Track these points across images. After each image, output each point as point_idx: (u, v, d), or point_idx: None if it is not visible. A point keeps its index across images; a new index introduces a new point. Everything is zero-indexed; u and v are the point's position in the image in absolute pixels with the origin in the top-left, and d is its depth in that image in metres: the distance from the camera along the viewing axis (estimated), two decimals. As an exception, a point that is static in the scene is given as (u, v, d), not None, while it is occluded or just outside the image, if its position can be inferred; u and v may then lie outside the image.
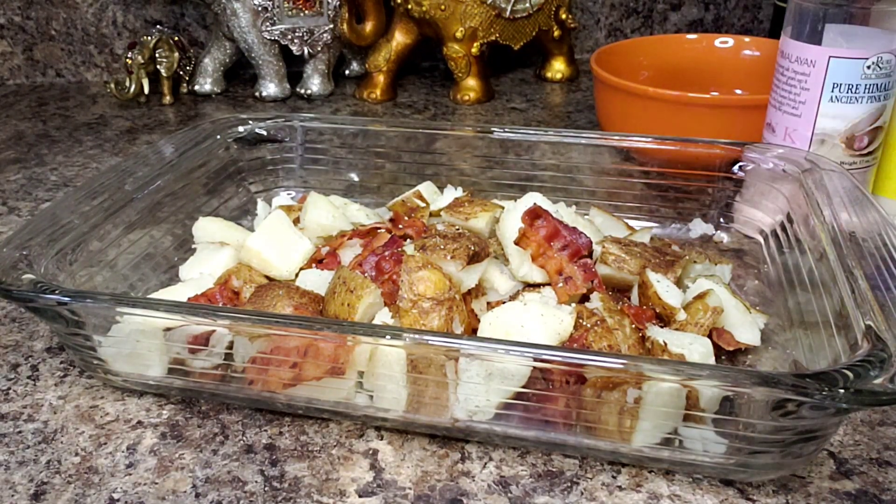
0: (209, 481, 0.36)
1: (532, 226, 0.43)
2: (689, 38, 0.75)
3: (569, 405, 0.35)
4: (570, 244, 0.43)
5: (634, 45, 0.75)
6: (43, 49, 0.94)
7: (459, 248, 0.41)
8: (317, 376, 0.37)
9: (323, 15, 0.86)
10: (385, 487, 0.35)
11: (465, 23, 0.83)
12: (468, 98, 0.86)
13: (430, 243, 0.42)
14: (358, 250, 0.46)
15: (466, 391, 0.36)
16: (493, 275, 0.43)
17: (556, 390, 0.35)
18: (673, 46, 0.75)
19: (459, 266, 0.41)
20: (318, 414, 0.40)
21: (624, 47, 0.74)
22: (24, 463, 0.37)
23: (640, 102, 0.62)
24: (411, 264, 0.40)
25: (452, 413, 0.37)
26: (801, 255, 0.43)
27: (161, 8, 0.94)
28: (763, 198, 0.50)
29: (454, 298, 0.40)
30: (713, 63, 0.73)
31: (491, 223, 0.48)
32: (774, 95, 0.54)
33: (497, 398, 0.36)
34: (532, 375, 0.35)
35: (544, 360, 0.34)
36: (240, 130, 0.58)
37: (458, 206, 0.50)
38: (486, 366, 0.35)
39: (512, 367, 0.35)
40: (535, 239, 0.43)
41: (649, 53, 0.74)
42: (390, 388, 0.37)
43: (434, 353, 0.35)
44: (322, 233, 0.50)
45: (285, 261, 0.47)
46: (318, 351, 0.36)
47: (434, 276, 0.39)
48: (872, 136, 0.51)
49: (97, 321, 0.39)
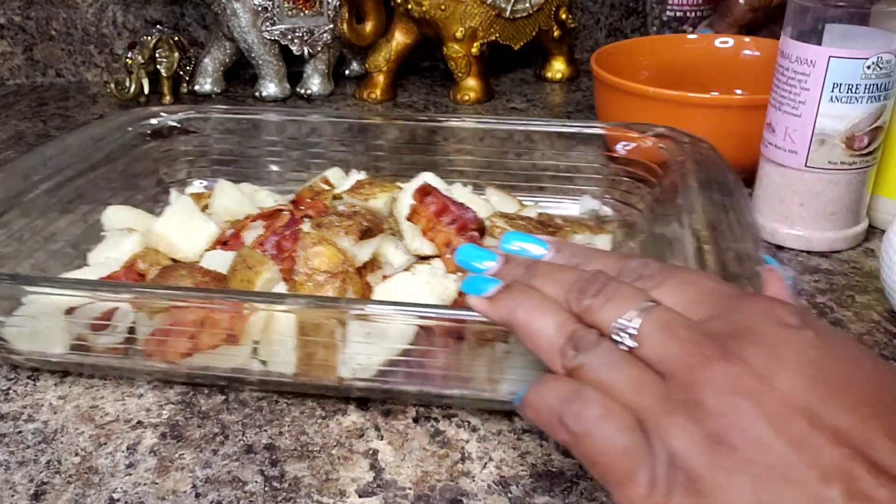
0: (209, 481, 0.36)
1: (422, 202, 0.47)
2: (689, 38, 0.75)
3: (446, 360, 0.39)
4: (457, 219, 0.47)
5: (634, 45, 0.75)
6: (43, 49, 0.94)
7: (352, 224, 0.45)
8: (213, 344, 0.39)
9: (323, 15, 0.86)
10: (385, 487, 0.35)
11: (465, 23, 0.83)
12: (468, 98, 0.86)
13: (325, 221, 0.45)
14: (261, 231, 0.49)
15: (351, 351, 0.38)
16: (387, 250, 0.47)
17: (432, 347, 0.38)
18: (673, 46, 0.75)
19: (352, 241, 0.44)
20: (215, 381, 0.42)
21: (624, 47, 0.74)
22: (24, 463, 0.37)
23: (640, 102, 0.62)
24: (307, 240, 0.43)
25: (339, 373, 0.39)
26: (668, 227, 0.45)
27: (161, 8, 0.94)
28: (645, 173, 0.53)
29: (347, 271, 0.43)
30: (713, 63, 0.73)
31: (389, 203, 0.51)
32: (774, 95, 0.54)
33: (379, 357, 0.38)
34: (411, 335, 0.38)
35: (420, 317, 0.37)
36: (153, 123, 0.59)
37: (359, 187, 0.53)
38: (368, 326, 0.38)
39: (388, 327, 0.38)
40: (425, 214, 0.47)
41: (649, 53, 0.74)
42: (282, 353, 0.39)
43: (321, 317, 0.38)
44: (230, 217, 0.52)
45: (191, 243, 0.49)
46: (214, 321, 0.39)
47: (328, 251, 0.43)
48: (872, 136, 0.52)
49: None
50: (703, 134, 0.56)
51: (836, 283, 0.51)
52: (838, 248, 0.55)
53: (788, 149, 0.53)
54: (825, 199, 0.53)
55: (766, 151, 0.55)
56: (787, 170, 0.54)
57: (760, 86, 0.64)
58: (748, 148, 0.59)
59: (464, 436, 0.39)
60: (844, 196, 0.53)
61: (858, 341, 0.45)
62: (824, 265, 0.53)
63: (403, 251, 0.47)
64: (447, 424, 0.39)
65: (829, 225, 0.54)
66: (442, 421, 0.40)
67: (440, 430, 0.39)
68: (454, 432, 0.39)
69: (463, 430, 0.39)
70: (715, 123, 0.60)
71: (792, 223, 0.55)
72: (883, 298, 0.49)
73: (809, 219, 0.54)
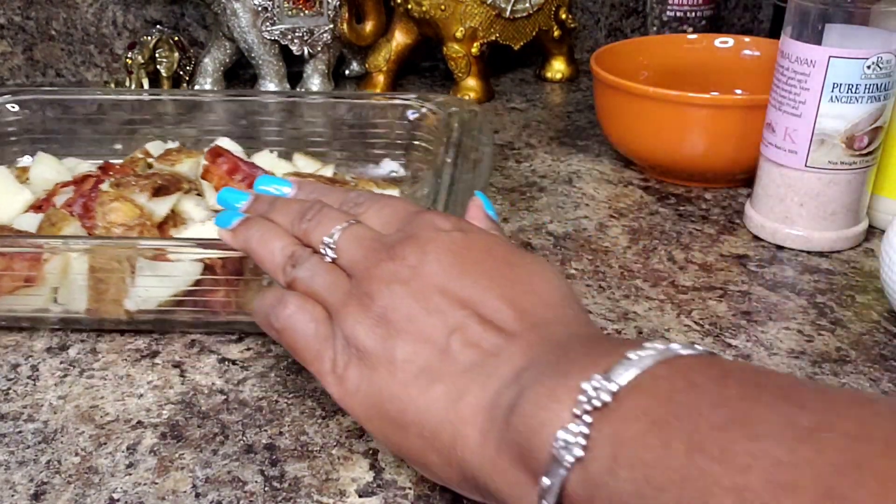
0: (209, 481, 0.36)
1: (214, 163, 0.55)
2: (689, 38, 0.75)
3: (225, 294, 0.45)
4: (248, 176, 0.54)
5: (634, 46, 0.75)
6: (43, 49, 0.94)
7: (148, 183, 0.51)
8: (15, 287, 0.45)
9: (323, 15, 0.86)
10: (385, 487, 0.35)
11: (465, 23, 0.83)
12: (468, 98, 0.86)
13: (123, 181, 0.51)
14: (71, 196, 0.53)
15: (138, 284, 0.44)
16: (188, 206, 0.52)
17: (209, 281, 0.44)
18: (673, 46, 0.75)
19: (146, 197, 0.50)
20: (18, 324, 0.46)
21: (624, 47, 0.74)
22: (24, 463, 0.37)
23: (640, 102, 0.62)
24: (104, 198, 0.49)
25: (125, 307, 0.45)
26: (436, 180, 0.51)
27: (161, 8, 0.94)
28: (428, 136, 0.61)
29: (145, 224, 0.48)
30: (713, 63, 0.73)
31: (195, 168, 0.57)
32: (774, 95, 0.54)
33: (160, 290, 0.44)
34: (187, 269, 0.44)
35: (166, 248, 0.43)
36: None
37: (168, 155, 0.58)
38: (147, 264, 0.43)
39: (169, 265, 0.44)
40: (217, 173, 0.54)
41: (649, 53, 0.74)
42: (74, 291, 0.45)
43: (109, 256, 0.44)
44: (47, 186, 0.55)
45: (6, 208, 0.53)
46: (11, 265, 0.44)
47: (124, 207, 0.48)
48: (872, 136, 0.52)
49: None
50: (703, 134, 0.56)
51: (836, 283, 0.51)
52: (839, 248, 0.55)
53: (788, 149, 0.53)
54: (825, 199, 0.53)
55: (766, 151, 0.55)
56: (786, 170, 0.54)
57: (760, 86, 0.64)
58: (748, 148, 0.59)
59: (464, 436, 0.39)
60: (844, 196, 0.53)
61: (857, 341, 0.45)
62: (824, 265, 0.53)
63: (204, 207, 0.53)
64: (447, 424, 0.39)
65: (829, 225, 0.54)
66: (442, 421, 0.40)
67: (440, 430, 0.39)
68: (454, 432, 0.39)
69: (463, 430, 0.39)
70: (715, 124, 0.60)
71: (792, 223, 0.55)
72: (883, 298, 0.49)
73: (809, 218, 0.54)
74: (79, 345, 0.46)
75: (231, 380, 0.43)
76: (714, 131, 0.60)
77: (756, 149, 0.57)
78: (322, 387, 0.34)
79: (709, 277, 0.52)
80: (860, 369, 0.43)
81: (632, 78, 0.65)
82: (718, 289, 0.51)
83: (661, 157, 0.64)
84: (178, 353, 0.45)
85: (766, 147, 0.55)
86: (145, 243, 0.45)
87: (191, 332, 0.47)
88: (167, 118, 0.66)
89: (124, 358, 0.45)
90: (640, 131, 0.64)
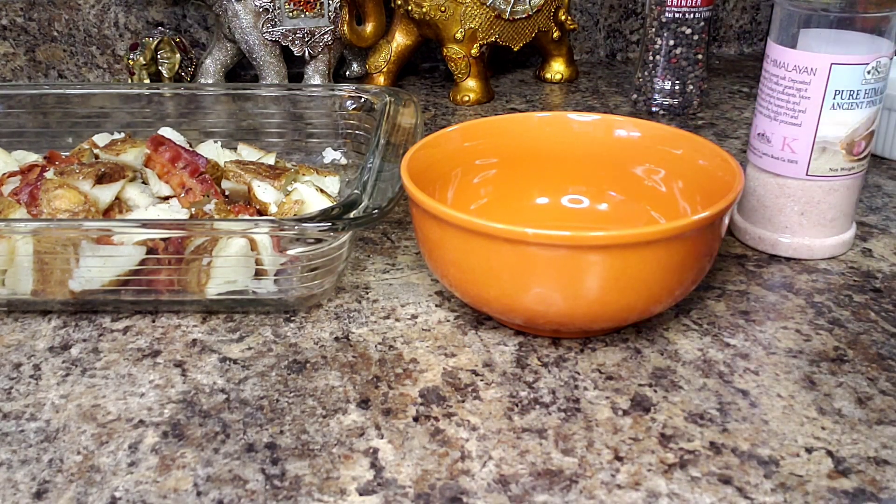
0: (210, 480, 0.36)
1: (156, 151, 0.57)
2: (539, 117, 0.55)
3: (169, 273, 0.47)
4: (189, 163, 0.55)
5: (470, 130, 0.54)
6: (45, 50, 0.95)
7: (91, 171, 0.52)
8: None
9: (324, 16, 0.86)
10: (385, 486, 0.36)
11: (464, 24, 0.83)
12: (468, 99, 0.86)
13: (67, 169, 0.52)
14: (18, 184, 0.54)
15: (82, 265, 0.46)
16: (133, 193, 0.54)
17: (152, 261, 0.46)
18: (522, 126, 0.55)
19: (89, 184, 0.51)
20: None
21: (446, 138, 0.52)
22: (27, 462, 0.38)
23: (462, 238, 0.41)
24: (49, 185, 0.50)
25: (70, 287, 0.46)
26: (368, 163, 0.53)
27: (163, 9, 0.94)
28: (364, 125, 0.64)
29: (89, 210, 0.50)
30: (578, 144, 0.55)
31: (140, 157, 0.58)
32: (768, 105, 0.53)
33: (104, 271, 0.46)
34: (131, 252, 0.46)
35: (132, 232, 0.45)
36: None
37: (113, 145, 0.60)
38: (90, 246, 0.45)
39: (112, 247, 0.45)
40: (160, 161, 0.56)
41: (496, 135, 0.54)
42: (20, 273, 0.47)
43: (53, 239, 0.45)
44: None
45: None
46: None
47: (68, 193, 0.50)
48: (868, 140, 0.52)
49: None
50: (550, 281, 0.40)
51: (834, 283, 0.52)
52: (839, 254, 0.55)
53: (788, 158, 0.52)
54: (825, 207, 0.53)
55: (759, 162, 0.54)
56: (786, 180, 0.53)
57: (642, 174, 0.51)
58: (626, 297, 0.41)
59: (463, 434, 0.39)
60: (843, 201, 0.53)
61: (855, 340, 0.46)
62: (822, 265, 0.54)
63: (149, 195, 0.55)
64: (447, 423, 0.40)
65: (829, 231, 0.54)
66: (442, 420, 0.40)
67: (440, 429, 0.39)
68: (454, 431, 0.39)
69: (463, 429, 0.39)
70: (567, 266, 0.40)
71: (793, 233, 0.54)
72: (881, 297, 0.50)
73: (810, 227, 0.53)
74: (81, 344, 0.46)
75: (232, 379, 0.43)
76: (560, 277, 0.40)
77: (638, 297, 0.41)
78: (322, 386, 0.34)
79: (707, 277, 0.52)
80: (858, 368, 0.43)
81: (474, 172, 0.51)
82: (717, 288, 0.51)
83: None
84: (180, 353, 0.45)
85: (758, 158, 0.54)
86: (89, 224, 0.46)
87: (191, 332, 0.47)
88: (119, 113, 0.68)
89: (126, 357, 0.45)
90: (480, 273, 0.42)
